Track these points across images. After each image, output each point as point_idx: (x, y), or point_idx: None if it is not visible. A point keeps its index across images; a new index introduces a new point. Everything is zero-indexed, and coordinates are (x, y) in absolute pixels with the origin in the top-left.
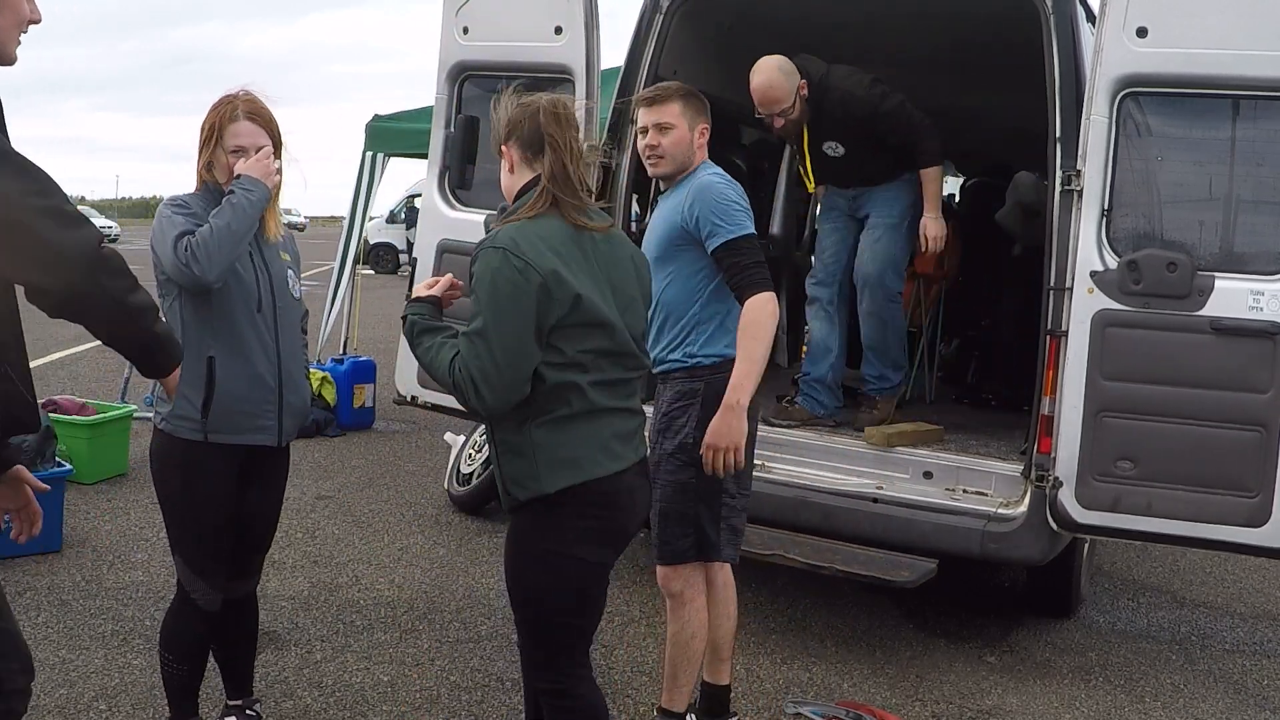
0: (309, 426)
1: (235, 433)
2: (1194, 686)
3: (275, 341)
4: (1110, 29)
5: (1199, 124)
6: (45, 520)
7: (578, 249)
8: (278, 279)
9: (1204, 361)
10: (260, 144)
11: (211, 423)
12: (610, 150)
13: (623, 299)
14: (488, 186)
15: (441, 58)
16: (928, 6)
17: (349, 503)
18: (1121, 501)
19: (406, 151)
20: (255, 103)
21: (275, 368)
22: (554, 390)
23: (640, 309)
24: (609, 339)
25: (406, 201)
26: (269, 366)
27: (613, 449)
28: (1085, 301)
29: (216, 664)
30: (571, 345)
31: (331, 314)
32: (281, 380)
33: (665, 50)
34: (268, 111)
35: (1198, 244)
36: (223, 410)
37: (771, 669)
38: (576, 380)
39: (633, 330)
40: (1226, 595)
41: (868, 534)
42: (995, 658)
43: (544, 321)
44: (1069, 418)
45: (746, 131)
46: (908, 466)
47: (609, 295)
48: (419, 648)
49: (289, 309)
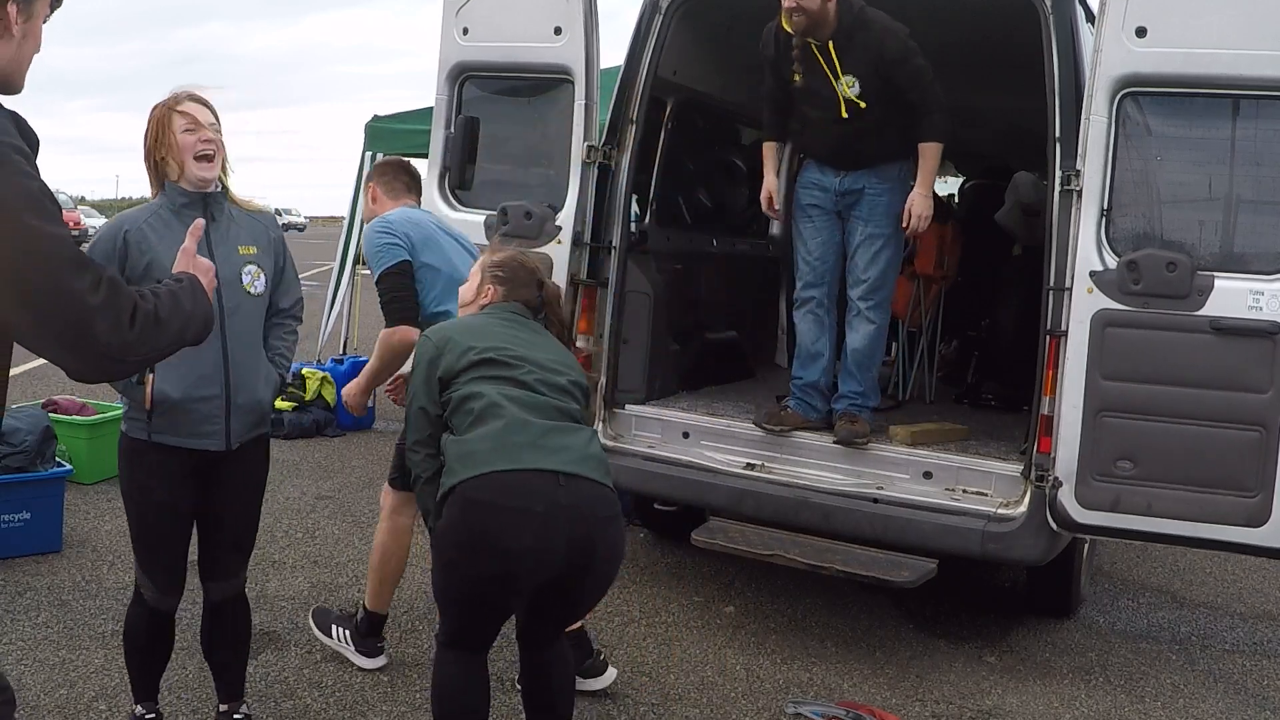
0: (309, 426)
1: (177, 435)
2: (1194, 686)
3: (223, 343)
4: (1109, 29)
5: (1198, 124)
6: (45, 520)
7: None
8: (227, 277)
9: (1204, 361)
10: (208, 120)
11: (155, 424)
12: (609, 151)
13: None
14: (488, 187)
15: (441, 58)
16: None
17: (349, 503)
18: (1121, 501)
19: (406, 152)
20: (191, 90)
21: (222, 370)
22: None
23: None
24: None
25: None
26: (214, 369)
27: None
28: (1085, 301)
29: (209, 666)
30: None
31: (331, 314)
32: (229, 383)
33: (665, 50)
34: (204, 96)
35: (1197, 244)
36: (164, 412)
37: (771, 669)
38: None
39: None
40: (1226, 595)
41: (868, 534)
42: (995, 658)
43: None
44: (1069, 418)
45: (746, 132)
46: (908, 467)
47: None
48: (419, 648)
49: (242, 308)
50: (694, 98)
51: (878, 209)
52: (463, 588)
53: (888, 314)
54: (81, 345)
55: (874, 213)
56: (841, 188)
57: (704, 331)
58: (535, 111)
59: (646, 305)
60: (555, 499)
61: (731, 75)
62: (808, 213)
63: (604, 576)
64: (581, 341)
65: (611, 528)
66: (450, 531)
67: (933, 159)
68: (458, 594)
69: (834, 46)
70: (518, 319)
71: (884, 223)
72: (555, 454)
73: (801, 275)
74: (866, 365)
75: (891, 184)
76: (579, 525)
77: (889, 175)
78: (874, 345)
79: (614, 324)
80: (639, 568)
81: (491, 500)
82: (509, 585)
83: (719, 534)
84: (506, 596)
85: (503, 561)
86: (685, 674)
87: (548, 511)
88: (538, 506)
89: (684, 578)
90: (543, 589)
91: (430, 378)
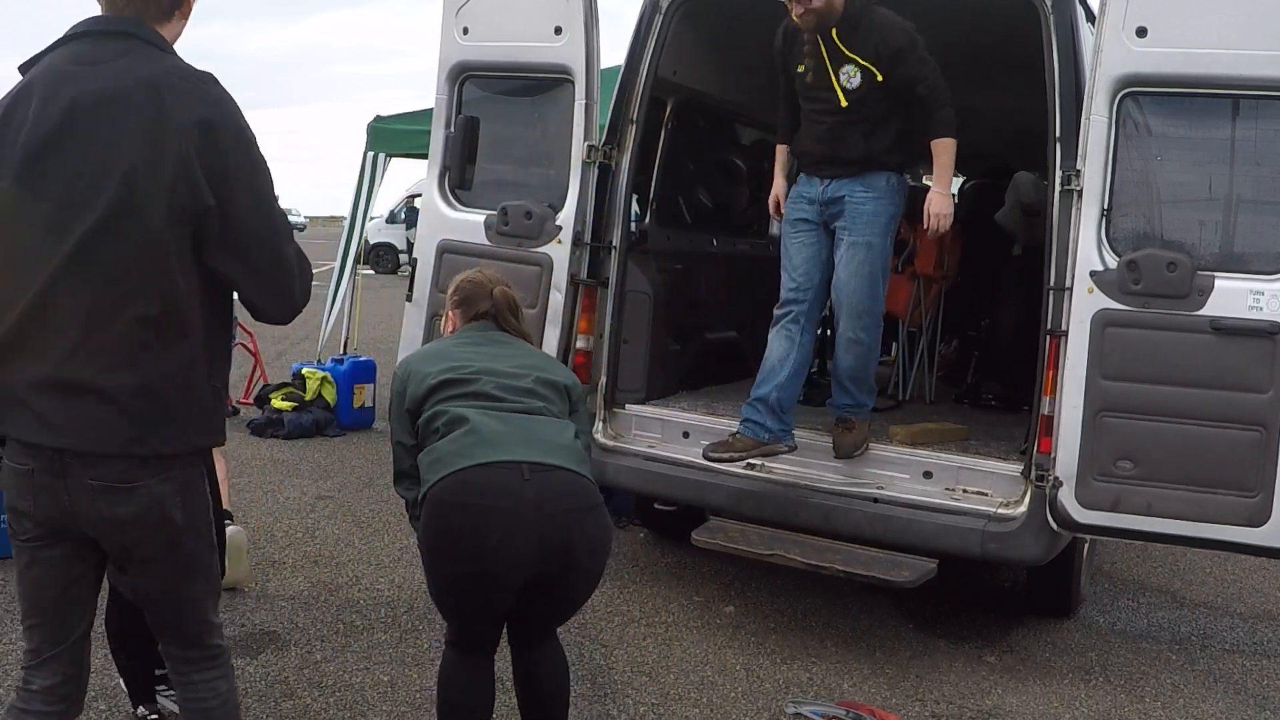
0: (309, 426)
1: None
2: (1194, 686)
3: None
4: (1110, 29)
5: (1198, 124)
6: None
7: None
8: None
9: (1204, 361)
10: None
11: None
12: (609, 151)
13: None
14: (488, 187)
15: (441, 58)
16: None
17: (349, 503)
18: (1121, 501)
19: (407, 152)
20: None
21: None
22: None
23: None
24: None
25: (407, 202)
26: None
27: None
28: (1085, 301)
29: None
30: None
31: (332, 314)
32: None
33: (665, 50)
34: None
35: (1198, 244)
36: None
37: (771, 669)
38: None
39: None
40: (1226, 595)
41: (868, 534)
42: (995, 658)
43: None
44: (1069, 417)
45: (746, 132)
46: (908, 466)
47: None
48: (419, 648)
49: None
50: (694, 98)
51: (860, 217)
52: (445, 588)
53: (878, 331)
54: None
55: (856, 220)
56: (824, 196)
57: (704, 331)
58: (535, 111)
59: (646, 305)
60: (521, 492)
61: (731, 75)
62: (795, 226)
63: (589, 572)
64: (581, 341)
65: (590, 519)
66: (425, 534)
67: (947, 155)
68: (440, 595)
69: (838, 34)
70: (481, 335)
71: (866, 230)
72: (521, 446)
73: (783, 289)
74: (860, 379)
75: (878, 193)
76: (551, 519)
77: (875, 185)
78: (865, 364)
79: (614, 324)
80: (639, 568)
81: (459, 500)
82: (486, 583)
83: (719, 534)
84: (486, 595)
85: (475, 559)
86: (685, 674)
87: (515, 506)
88: (504, 501)
89: (684, 578)
90: (529, 587)
91: (400, 411)
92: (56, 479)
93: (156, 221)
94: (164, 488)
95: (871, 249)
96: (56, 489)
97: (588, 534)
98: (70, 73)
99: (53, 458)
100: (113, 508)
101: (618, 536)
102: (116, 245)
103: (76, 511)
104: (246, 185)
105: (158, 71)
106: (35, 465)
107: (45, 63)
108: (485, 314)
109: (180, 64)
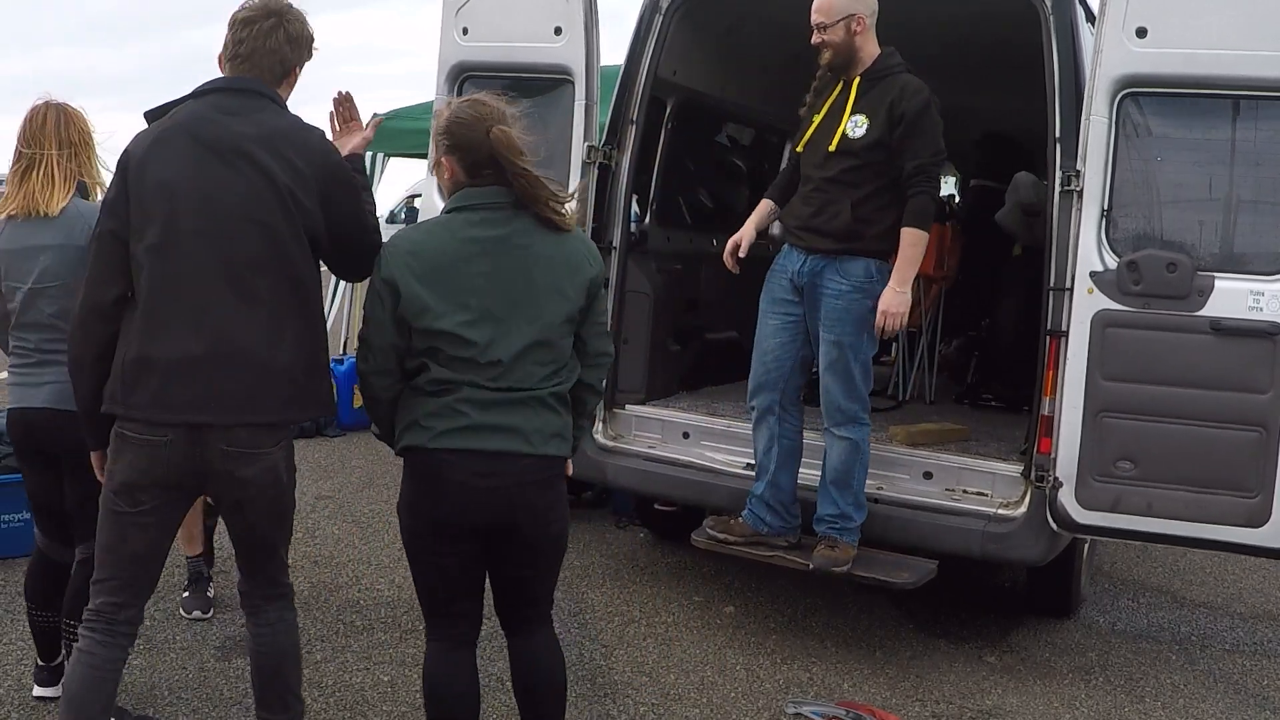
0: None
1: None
2: (1194, 686)
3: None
4: (1110, 29)
5: (1199, 124)
6: None
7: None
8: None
9: (1204, 362)
10: None
11: None
12: (609, 151)
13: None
14: None
15: (441, 58)
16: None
17: (349, 503)
18: (1121, 502)
19: (406, 151)
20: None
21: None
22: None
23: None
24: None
25: (407, 201)
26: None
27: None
28: (1085, 302)
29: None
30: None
31: (331, 314)
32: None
33: (665, 50)
34: None
35: (1197, 244)
36: None
37: (771, 669)
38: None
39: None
40: (1226, 595)
41: (868, 534)
42: (995, 658)
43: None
44: (1069, 418)
45: (746, 132)
46: (908, 467)
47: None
48: (419, 648)
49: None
50: (694, 98)
51: (833, 313)
52: (410, 547)
53: (861, 429)
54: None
55: (829, 316)
56: (802, 279)
57: (704, 331)
58: (535, 112)
59: (646, 305)
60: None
61: (731, 75)
62: (774, 305)
63: (546, 511)
64: None
65: (533, 480)
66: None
67: (913, 249)
68: (411, 556)
69: (860, 83)
70: (495, 238)
71: (838, 328)
72: (495, 434)
73: (754, 374)
74: (844, 483)
75: (854, 286)
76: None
77: (853, 274)
78: (850, 460)
79: (614, 324)
80: (639, 568)
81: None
82: (441, 532)
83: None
84: (440, 545)
85: (434, 505)
86: (685, 674)
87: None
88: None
89: (684, 578)
90: (491, 539)
91: (392, 313)
92: (194, 446)
93: (293, 229)
94: (280, 453)
95: (842, 349)
96: (192, 454)
97: (533, 481)
98: (215, 119)
99: (192, 429)
100: (240, 469)
101: (618, 537)
102: (261, 247)
103: (202, 471)
104: (348, 206)
105: (287, 123)
106: (173, 436)
107: (188, 108)
108: (486, 162)
109: (299, 119)
